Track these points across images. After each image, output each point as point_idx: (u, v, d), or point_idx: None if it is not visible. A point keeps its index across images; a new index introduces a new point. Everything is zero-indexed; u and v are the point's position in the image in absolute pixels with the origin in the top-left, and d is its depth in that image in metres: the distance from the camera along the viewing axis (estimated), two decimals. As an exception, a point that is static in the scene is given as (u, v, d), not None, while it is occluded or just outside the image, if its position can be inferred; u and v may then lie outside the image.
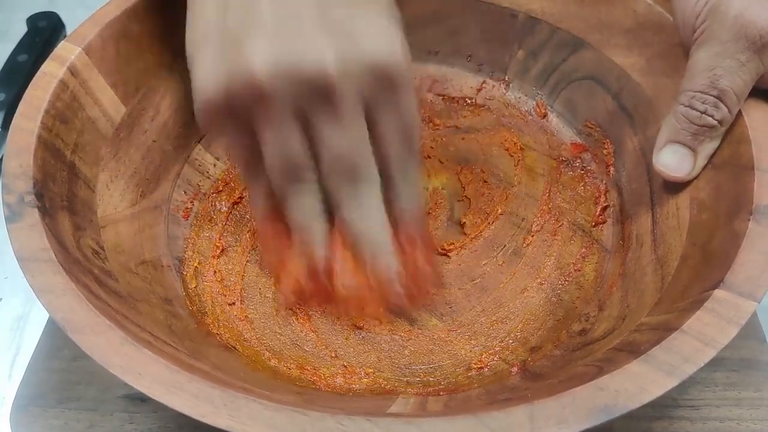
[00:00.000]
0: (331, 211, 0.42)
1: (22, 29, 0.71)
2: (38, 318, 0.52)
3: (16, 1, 0.78)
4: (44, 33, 0.71)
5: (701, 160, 0.42)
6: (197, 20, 0.40)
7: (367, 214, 0.41)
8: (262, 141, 0.39)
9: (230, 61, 0.36)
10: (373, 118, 0.39)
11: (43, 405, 0.44)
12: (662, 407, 0.42)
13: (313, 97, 0.37)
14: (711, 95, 0.40)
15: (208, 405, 0.29)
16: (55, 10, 0.74)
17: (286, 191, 0.41)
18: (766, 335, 0.46)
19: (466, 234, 0.50)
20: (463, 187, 0.52)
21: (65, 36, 0.45)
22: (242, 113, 0.38)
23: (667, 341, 0.31)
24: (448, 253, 0.49)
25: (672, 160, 0.42)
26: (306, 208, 0.41)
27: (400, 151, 0.41)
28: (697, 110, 0.40)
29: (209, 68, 0.37)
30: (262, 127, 0.38)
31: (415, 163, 0.42)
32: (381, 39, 0.37)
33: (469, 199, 0.52)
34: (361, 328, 0.45)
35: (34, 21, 0.72)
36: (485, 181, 0.53)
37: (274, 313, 0.46)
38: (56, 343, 0.46)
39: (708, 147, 0.42)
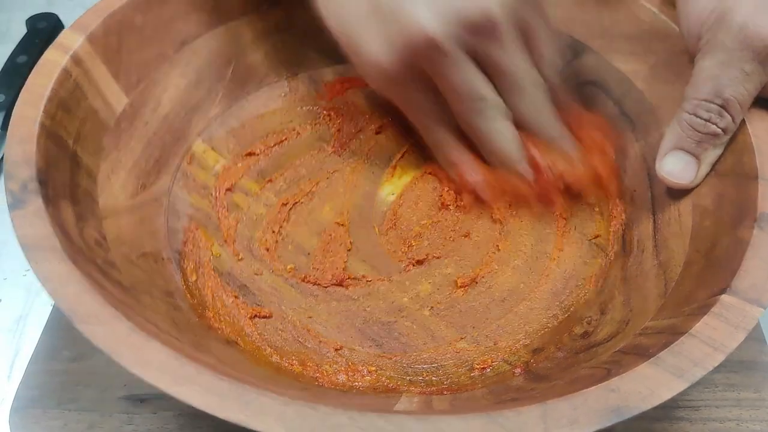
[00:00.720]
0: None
1: (21, 30, 0.71)
2: (38, 319, 0.51)
3: (15, 2, 0.77)
4: (44, 34, 0.70)
5: (704, 168, 0.42)
6: (343, 4, 0.44)
7: (541, 109, 0.47)
8: (450, 87, 0.44)
9: (399, 30, 0.41)
10: (529, 34, 0.45)
11: (42, 406, 0.43)
12: (662, 408, 0.42)
13: (480, 36, 0.42)
14: (715, 104, 0.40)
15: (217, 398, 0.29)
16: (54, 12, 0.73)
17: (478, 124, 0.46)
18: (766, 336, 0.47)
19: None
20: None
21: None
22: (419, 72, 0.44)
23: (677, 345, 0.32)
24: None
25: (676, 167, 0.42)
26: (503, 132, 0.47)
27: (554, 56, 0.47)
28: (701, 118, 0.41)
29: (377, 41, 0.42)
30: (446, 76, 0.44)
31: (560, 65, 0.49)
32: None
33: (470, 203, 0.51)
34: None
35: (33, 22, 0.71)
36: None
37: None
38: (56, 344, 0.46)
39: (711, 155, 0.42)
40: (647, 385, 0.30)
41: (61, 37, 0.44)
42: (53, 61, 0.43)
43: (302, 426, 0.28)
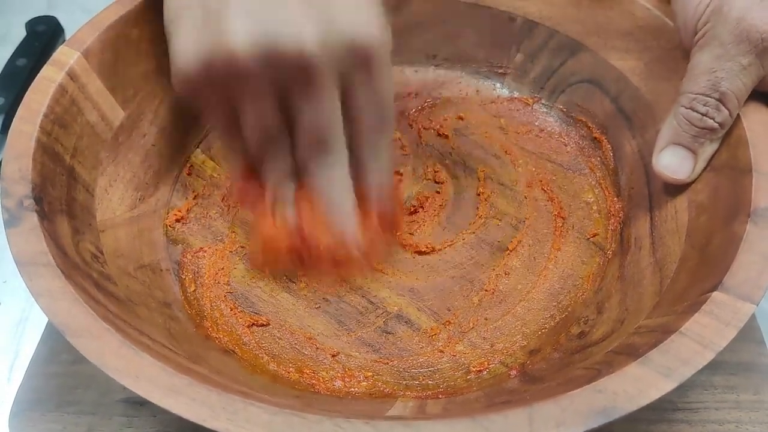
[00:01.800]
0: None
1: (21, 33, 0.72)
2: (37, 322, 0.51)
3: (15, 5, 0.78)
4: (43, 37, 0.71)
5: (701, 163, 0.42)
6: None
7: (332, 182, 0.42)
8: (241, 110, 0.40)
9: (210, 34, 0.37)
10: (348, 94, 0.40)
11: (41, 409, 0.43)
12: (661, 410, 0.42)
13: (290, 73, 0.38)
14: (712, 98, 0.40)
15: (206, 408, 0.29)
16: (54, 15, 0.74)
17: (261, 156, 0.42)
18: (765, 338, 0.46)
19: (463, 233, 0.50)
20: (461, 189, 0.52)
21: (64, 40, 0.46)
22: (220, 84, 0.39)
23: (665, 344, 0.31)
24: (450, 246, 0.49)
25: (672, 162, 0.42)
26: (278, 173, 0.43)
27: (372, 128, 0.42)
28: (698, 112, 0.40)
29: (189, 40, 0.38)
30: (240, 99, 0.39)
31: (386, 141, 0.44)
32: (359, 16, 0.38)
33: (468, 201, 0.52)
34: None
35: (33, 25, 0.72)
36: (484, 184, 0.52)
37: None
38: (55, 347, 0.46)
39: (708, 149, 0.42)
40: (635, 385, 0.30)
41: (58, 53, 0.44)
42: (49, 77, 0.43)
43: (289, 434, 0.28)
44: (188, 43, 0.38)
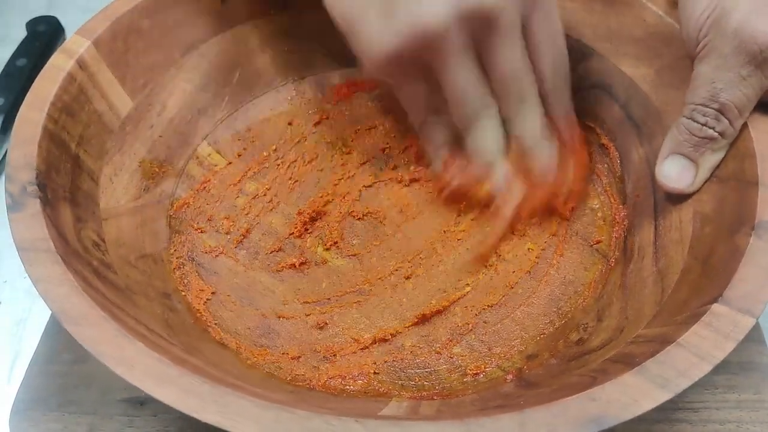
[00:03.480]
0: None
1: (21, 33, 0.71)
2: (38, 322, 0.51)
3: (15, 5, 0.78)
4: (43, 37, 0.71)
5: (703, 173, 0.42)
6: None
7: (533, 126, 0.46)
8: (448, 82, 0.43)
9: (403, 16, 0.40)
10: (530, 31, 0.44)
11: (42, 409, 0.44)
12: (662, 410, 0.42)
13: (482, 30, 0.41)
14: (711, 108, 0.40)
15: (197, 400, 0.29)
16: (54, 15, 0.73)
17: (470, 123, 0.46)
18: (766, 338, 0.46)
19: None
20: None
21: (65, 40, 0.46)
22: (418, 62, 0.43)
23: (662, 354, 0.31)
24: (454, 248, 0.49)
25: (673, 171, 0.42)
26: (491, 135, 0.46)
27: (555, 58, 0.46)
28: (697, 122, 0.41)
29: (381, 26, 0.41)
30: (444, 71, 0.43)
31: (567, 71, 0.47)
32: None
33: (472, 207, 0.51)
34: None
35: (33, 25, 0.72)
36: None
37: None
38: (56, 346, 0.46)
39: (710, 159, 0.41)
40: (629, 394, 0.30)
41: (69, 42, 0.45)
42: (58, 65, 0.44)
43: (278, 429, 0.28)
44: (382, 30, 0.41)
